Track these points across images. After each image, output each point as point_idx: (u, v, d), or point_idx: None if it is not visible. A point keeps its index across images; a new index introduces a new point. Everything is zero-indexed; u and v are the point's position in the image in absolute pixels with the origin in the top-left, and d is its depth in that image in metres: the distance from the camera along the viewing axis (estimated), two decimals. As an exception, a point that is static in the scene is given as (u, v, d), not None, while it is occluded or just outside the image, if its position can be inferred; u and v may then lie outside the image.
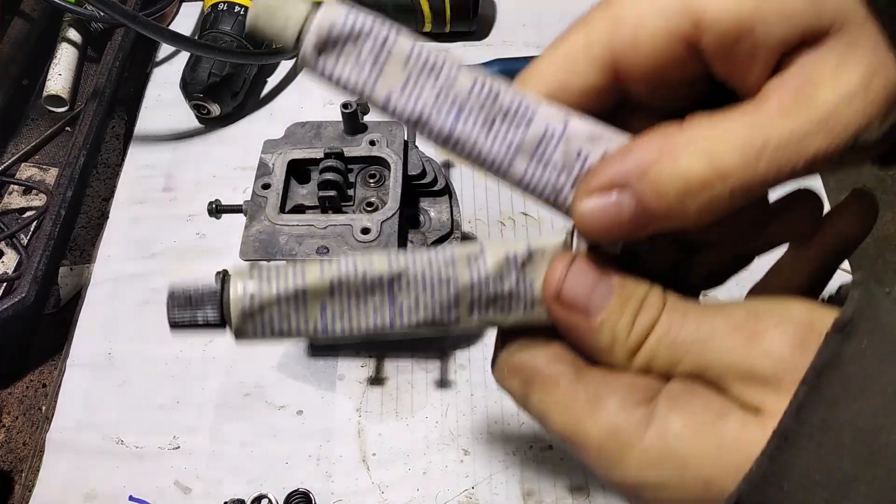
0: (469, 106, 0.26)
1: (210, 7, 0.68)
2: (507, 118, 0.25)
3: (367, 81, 0.25)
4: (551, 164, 0.25)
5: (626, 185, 0.23)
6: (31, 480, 0.52)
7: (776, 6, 0.22)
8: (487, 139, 0.25)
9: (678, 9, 0.23)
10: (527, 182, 0.26)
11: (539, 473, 0.50)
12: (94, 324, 0.58)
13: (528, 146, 0.25)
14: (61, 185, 0.60)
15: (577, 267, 0.25)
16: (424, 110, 0.25)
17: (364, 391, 0.54)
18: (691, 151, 0.22)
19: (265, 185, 0.47)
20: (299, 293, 0.25)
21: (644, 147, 0.23)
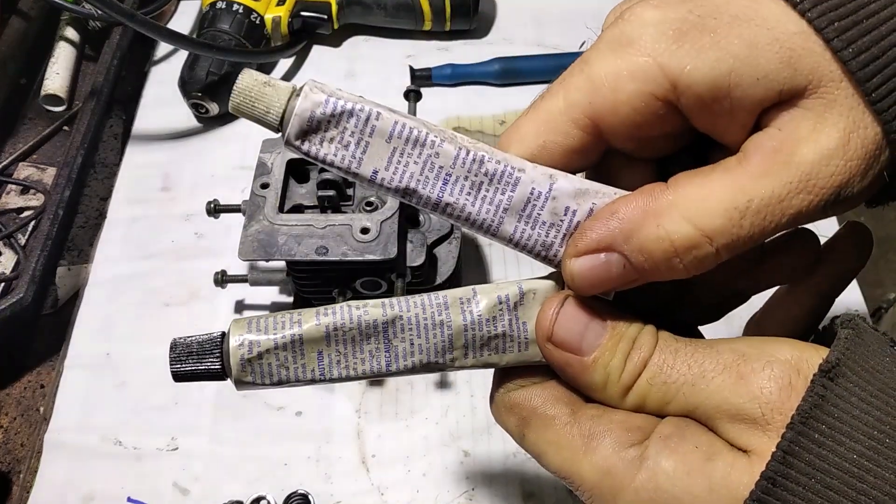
0: (455, 174, 0.26)
1: (208, 5, 0.68)
2: (493, 182, 0.26)
3: (353, 160, 0.26)
4: (539, 223, 0.26)
5: (613, 247, 0.24)
6: (29, 481, 0.51)
7: (751, 68, 0.23)
8: (475, 204, 0.27)
9: (654, 73, 0.24)
10: (516, 241, 0.27)
11: (539, 475, 0.50)
12: (92, 324, 0.58)
13: (516, 207, 0.26)
14: (59, 184, 0.60)
15: (568, 308, 0.26)
16: (411, 183, 0.26)
17: (363, 392, 0.54)
18: (675, 215, 0.23)
19: (264, 185, 0.47)
20: (296, 341, 0.26)
21: (629, 209, 0.24)
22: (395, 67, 0.71)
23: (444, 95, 0.70)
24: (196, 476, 0.51)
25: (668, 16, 0.24)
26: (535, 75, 0.70)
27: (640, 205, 0.24)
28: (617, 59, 0.25)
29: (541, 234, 0.27)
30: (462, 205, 0.27)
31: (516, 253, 0.60)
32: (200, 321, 0.58)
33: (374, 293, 0.49)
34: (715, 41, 0.23)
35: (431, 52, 0.73)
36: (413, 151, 0.26)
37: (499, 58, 0.69)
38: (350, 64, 0.73)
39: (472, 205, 0.27)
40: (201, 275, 0.59)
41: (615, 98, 0.25)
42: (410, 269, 0.46)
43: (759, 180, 0.23)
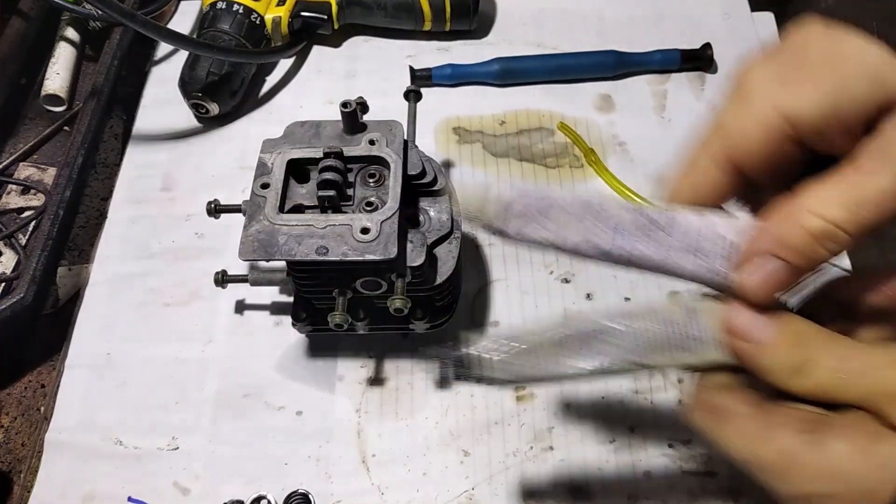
0: (641, 233, 0.33)
1: (209, 6, 0.68)
2: (665, 231, 0.33)
3: (551, 235, 0.32)
4: (710, 255, 0.32)
5: (769, 253, 0.30)
6: (30, 481, 0.51)
7: (848, 95, 0.28)
8: (660, 251, 0.33)
9: (772, 117, 0.30)
10: (695, 274, 0.33)
11: (539, 474, 0.50)
12: (92, 324, 0.58)
13: (690, 247, 0.32)
14: (59, 184, 0.60)
15: (743, 308, 0.32)
16: (607, 245, 0.32)
17: (364, 392, 0.54)
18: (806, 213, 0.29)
19: (264, 185, 0.47)
20: (538, 346, 0.33)
21: (773, 221, 0.30)
22: (395, 67, 0.72)
23: (444, 95, 0.70)
24: (196, 475, 0.51)
25: (774, 69, 0.30)
26: (535, 75, 0.70)
27: (780, 215, 0.30)
28: (742, 112, 0.31)
29: (709, 263, 0.32)
30: (650, 256, 0.32)
31: (516, 254, 0.61)
32: (201, 321, 0.58)
33: (374, 293, 0.49)
34: (815, 81, 0.29)
35: (431, 52, 0.73)
36: (600, 220, 0.32)
37: (499, 58, 0.69)
38: (350, 64, 0.73)
39: (655, 252, 0.32)
40: (202, 275, 0.59)
41: (747, 144, 0.31)
42: (410, 269, 0.46)
43: (868, 176, 0.28)
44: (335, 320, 0.46)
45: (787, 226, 0.29)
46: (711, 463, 0.50)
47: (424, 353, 0.55)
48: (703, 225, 0.32)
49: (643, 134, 0.67)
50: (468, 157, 0.66)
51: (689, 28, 0.74)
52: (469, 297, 0.58)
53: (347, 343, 0.56)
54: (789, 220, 0.29)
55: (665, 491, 0.49)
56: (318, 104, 0.70)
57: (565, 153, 0.66)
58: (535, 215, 0.32)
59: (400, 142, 0.49)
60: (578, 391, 0.54)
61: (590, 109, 0.69)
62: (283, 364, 0.55)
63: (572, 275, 0.59)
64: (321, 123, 0.50)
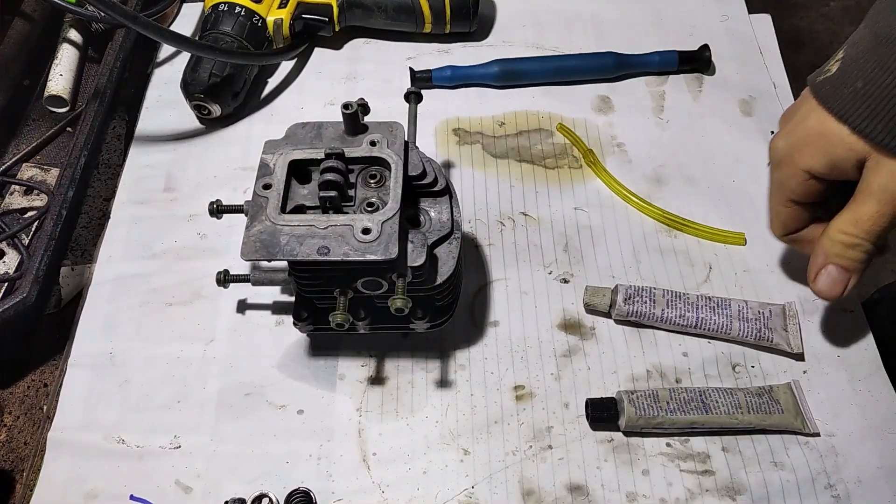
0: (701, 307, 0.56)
1: (211, 8, 0.68)
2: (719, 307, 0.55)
3: (652, 312, 0.55)
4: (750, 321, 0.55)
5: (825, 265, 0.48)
6: (33, 480, 0.52)
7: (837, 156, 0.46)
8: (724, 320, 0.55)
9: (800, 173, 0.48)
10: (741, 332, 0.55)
11: (539, 473, 0.51)
12: (95, 324, 0.58)
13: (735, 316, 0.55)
14: (62, 185, 0.60)
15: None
16: (686, 319, 0.55)
17: (364, 391, 0.54)
18: (836, 233, 0.47)
19: (266, 186, 0.47)
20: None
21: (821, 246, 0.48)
22: (395, 69, 0.72)
23: (444, 97, 0.70)
24: (198, 474, 0.51)
25: (789, 142, 0.49)
26: (535, 77, 0.70)
27: (823, 240, 0.48)
28: (782, 173, 0.50)
29: (752, 327, 0.54)
30: (711, 321, 0.55)
31: (515, 254, 0.61)
32: (203, 321, 0.58)
33: (375, 293, 0.49)
34: (817, 149, 0.47)
35: (432, 54, 0.73)
36: (679, 302, 0.56)
37: (498, 60, 0.70)
38: (351, 66, 0.73)
39: (714, 320, 0.55)
40: (204, 275, 0.59)
41: (792, 189, 0.50)
42: (411, 269, 0.47)
43: (863, 207, 0.46)
44: (336, 320, 0.46)
45: (829, 243, 0.48)
46: (710, 462, 0.51)
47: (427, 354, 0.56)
48: (745, 304, 0.55)
49: (641, 135, 0.67)
50: (468, 158, 0.66)
51: (686, 30, 0.74)
52: (469, 297, 0.58)
53: (348, 342, 0.56)
54: (828, 240, 0.48)
55: (663, 490, 0.50)
56: (320, 105, 0.70)
57: (564, 154, 0.66)
58: (642, 299, 0.56)
59: (401, 143, 0.49)
60: (577, 391, 0.54)
61: (588, 111, 0.69)
62: (285, 363, 0.56)
63: (571, 275, 0.59)
64: (322, 125, 0.51)
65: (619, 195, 0.63)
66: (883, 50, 0.43)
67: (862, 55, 0.44)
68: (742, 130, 0.67)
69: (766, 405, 0.51)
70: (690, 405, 0.51)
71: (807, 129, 0.47)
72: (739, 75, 0.71)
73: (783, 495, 0.49)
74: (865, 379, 0.54)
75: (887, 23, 0.43)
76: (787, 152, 0.49)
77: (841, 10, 0.76)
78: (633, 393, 0.51)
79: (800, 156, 0.47)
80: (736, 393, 0.51)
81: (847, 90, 0.44)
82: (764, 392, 0.52)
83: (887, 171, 0.44)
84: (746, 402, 0.51)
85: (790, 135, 0.48)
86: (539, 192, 0.64)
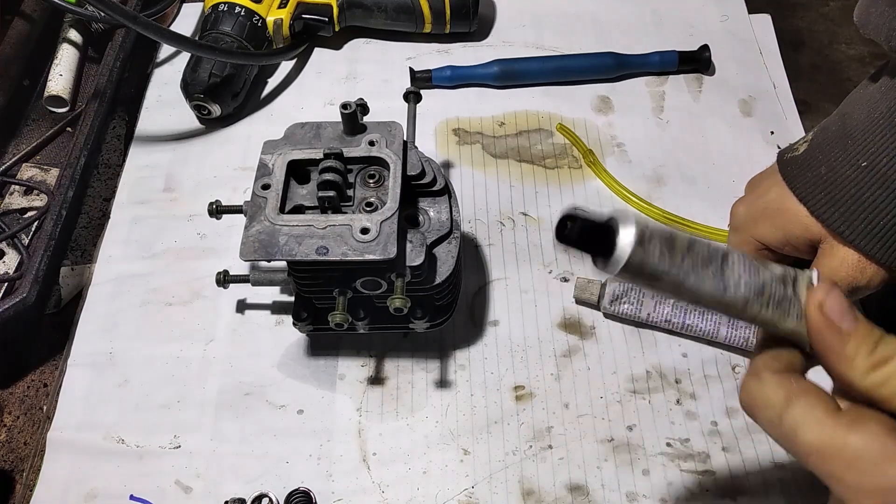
0: (689, 311, 0.53)
1: (210, 8, 0.69)
2: (707, 311, 0.51)
3: (639, 312, 0.53)
4: (739, 327, 0.53)
5: None
6: (32, 480, 0.52)
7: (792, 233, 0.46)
8: (703, 324, 0.53)
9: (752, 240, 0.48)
10: (728, 340, 0.53)
11: (538, 473, 0.51)
12: (94, 324, 0.58)
13: (724, 322, 0.54)
14: (62, 185, 0.60)
15: (836, 291, 0.35)
16: (674, 321, 0.53)
17: (364, 391, 0.54)
18: None
19: (265, 186, 0.47)
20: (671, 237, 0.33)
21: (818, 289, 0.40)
22: (395, 69, 0.72)
23: (443, 97, 0.70)
24: (198, 474, 0.51)
25: (748, 211, 0.49)
26: (534, 77, 0.70)
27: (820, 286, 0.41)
28: (738, 237, 0.49)
29: (741, 334, 0.53)
30: (699, 325, 0.53)
31: (515, 254, 0.61)
32: (203, 321, 0.58)
33: (374, 293, 0.49)
34: (773, 223, 0.47)
35: (431, 54, 0.73)
36: (667, 305, 0.54)
37: (498, 60, 0.70)
38: (351, 66, 0.73)
39: (702, 324, 0.52)
40: (203, 275, 0.59)
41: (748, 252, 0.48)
42: (410, 269, 0.47)
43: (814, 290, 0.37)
44: (335, 320, 0.46)
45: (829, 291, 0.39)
46: (710, 462, 0.51)
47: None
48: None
49: (641, 135, 0.67)
50: (468, 158, 0.66)
51: (686, 30, 0.74)
52: (469, 297, 0.58)
53: (348, 342, 0.56)
54: None
55: (663, 489, 0.50)
56: (319, 106, 0.70)
57: (564, 154, 0.66)
58: (630, 298, 0.52)
59: (399, 143, 0.49)
60: (577, 391, 0.54)
61: (588, 111, 0.69)
62: (285, 363, 0.56)
63: (571, 273, 0.59)
64: (321, 125, 0.51)
65: (619, 195, 0.63)
66: (848, 142, 0.44)
67: (829, 142, 0.45)
68: (742, 130, 0.67)
69: (788, 302, 0.36)
70: (708, 268, 0.35)
71: (767, 202, 0.48)
72: (739, 75, 0.71)
73: (783, 495, 0.49)
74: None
75: (855, 116, 0.44)
76: (744, 220, 0.49)
77: (841, 10, 0.76)
78: (647, 226, 0.34)
79: (755, 226, 0.48)
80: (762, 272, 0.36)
81: (811, 174, 0.45)
82: (789, 280, 0.36)
83: (838, 257, 0.45)
84: (771, 290, 0.36)
85: (751, 204, 0.49)
86: (539, 192, 0.64)
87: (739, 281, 0.34)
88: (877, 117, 0.43)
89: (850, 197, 0.44)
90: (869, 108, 0.44)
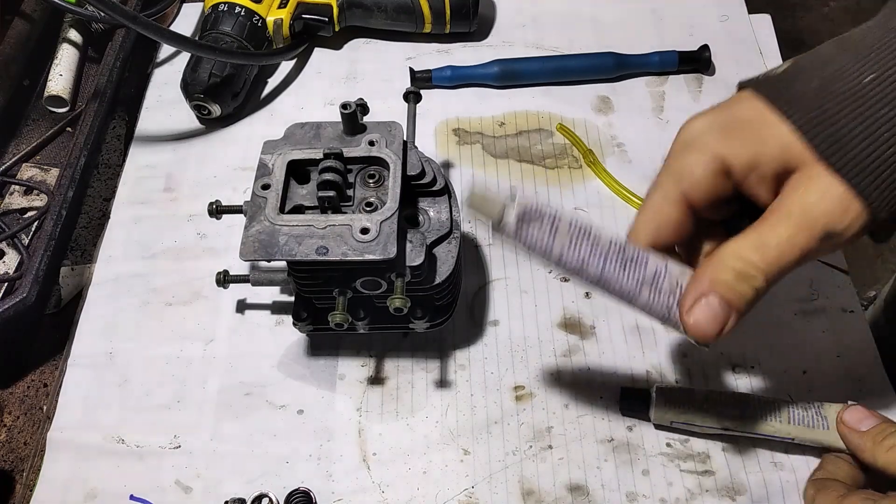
0: (609, 256, 0.39)
1: (210, 8, 0.69)
2: (633, 262, 0.39)
3: (547, 243, 0.38)
4: (663, 291, 0.39)
5: (707, 293, 0.37)
6: (32, 480, 0.52)
7: (765, 153, 0.37)
8: (623, 277, 0.39)
9: (713, 159, 0.38)
10: (650, 305, 0.39)
11: (539, 473, 0.51)
12: (94, 324, 0.58)
13: (648, 280, 0.39)
14: (62, 185, 0.60)
15: (853, 408, 0.47)
16: (584, 261, 0.38)
17: (364, 391, 0.54)
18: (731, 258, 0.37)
19: (265, 186, 0.47)
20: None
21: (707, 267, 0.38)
22: (395, 69, 0.72)
23: (443, 97, 0.70)
24: (198, 474, 0.51)
25: (713, 122, 0.39)
26: (535, 77, 0.70)
27: (712, 260, 0.38)
28: (688, 157, 0.39)
29: (664, 300, 0.39)
30: (616, 278, 0.38)
31: (514, 256, 0.61)
32: (203, 321, 0.58)
33: (374, 292, 0.49)
34: (744, 137, 0.37)
35: (431, 54, 0.73)
36: (584, 239, 0.38)
37: (498, 60, 0.70)
38: (351, 66, 0.73)
39: (622, 278, 0.38)
40: (203, 275, 0.60)
41: (694, 180, 0.38)
42: (410, 269, 0.47)
43: (774, 229, 0.36)
44: (335, 320, 0.46)
45: (718, 267, 0.37)
46: (710, 462, 0.51)
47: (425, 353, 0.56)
48: (663, 266, 0.39)
49: (641, 135, 0.67)
50: (468, 158, 0.66)
51: (686, 30, 0.74)
52: (469, 297, 0.58)
53: (348, 342, 0.56)
54: (719, 263, 0.37)
55: (663, 490, 0.50)
56: (319, 106, 0.70)
57: (564, 154, 0.66)
58: (542, 221, 0.38)
59: (399, 143, 0.49)
60: (577, 391, 0.54)
61: (588, 111, 0.69)
62: (285, 363, 0.56)
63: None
64: (321, 125, 0.51)
65: (619, 195, 0.63)
66: (848, 55, 0.37)
67: (820, 61, 0.38)
68: (742, 130, 0.67)
69: (811, 419, 0.48)
70: (727, 408, 0.48)
71: (736, 114, 0.38)
72: (739, 75, 0.70)
73: (783, 495, 0.49)
74: (865, 379, 0.54)
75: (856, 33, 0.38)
76: (702, 132, 0.39)
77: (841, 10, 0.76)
78: (668, 387, 0.50)
79: (718, 139, 0.38)
80: (778, 402, 0.48)
81: (798, 86, 0.37)
82: (811, 406, 0.48)
83: (817, 189, 0.36)
84: (789, 412, 0.48)
85: (716, 115, 0.39)
86: (539, 192, 0.64)
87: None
88: (893, 27, 0.36)
89: (847, 117, 0.35)
90: (880, 21, 0.37)
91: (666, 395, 0.50)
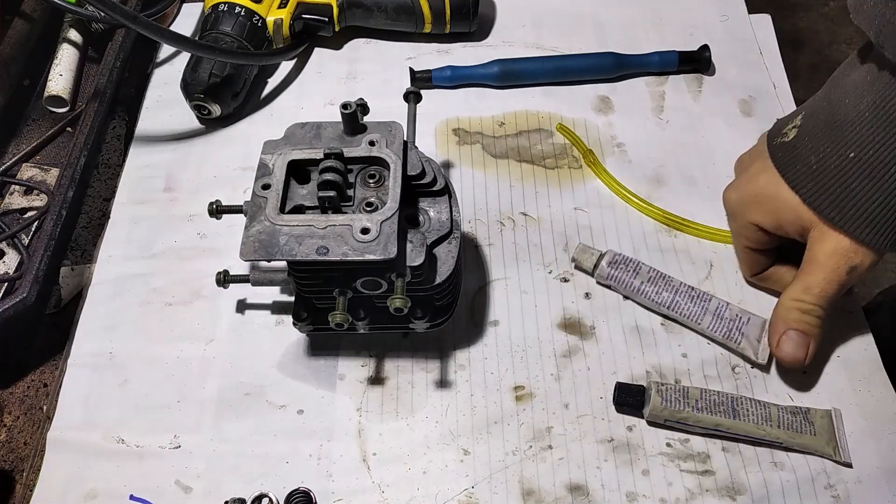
0: (679, 291, 0.56)
1: (210, 8, 0.69)
2: (699, 298, 0.55)
3: (629, 281, 0.56)
4: (724, 319, 0.54)
5: (786, 328, 0.51)
6: (32, 480, 0.52)
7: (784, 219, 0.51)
8: (690, 306, 0.55)
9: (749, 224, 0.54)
10: (711, 329, 0.54)
11: (539, 473, 0.51)
12: (94, 323, 0.58)
13: (711, 311, 0.55)
14: (62, 185, 0.60)
15: None
16: (658, 293, 0.56)
17: (364, 391, 0.54)
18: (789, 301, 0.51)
19: (265, 186, 0.47)
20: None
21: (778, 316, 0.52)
22: (395, 69, 0.72)
23: (443, 97, 0.70)
24: (198, 474, 0.51)
25: (742, 196, 0.54)
26: (535, 77, 0.70)
27: (778, 310, 0.52)
28: (736, 223, 0.56)
29: (725, 325, 0.54)
30: (685, 306, 0.55)
31: (515, 254, 0.61)
32: (203, 321, 0.58)
33: (374, 293, 0.49)
34: (766, 210, 0.52)
35: (431, 54, 0.73)
36: (658, 280, 0.56)
37: (498, 60, 0.70)
38: (351, 66, 0.73)
39: (689, 307, 0.55)
40: (204, 275, 0.60)
41: (746, 238, 0.55)
42: (410, 269, 0.47)
43: (812, 275, 0.50)
44: (336, 320, 0.46)
45: (784, 311, 0.51)
46: (710, 462, 0.51)
47: (424, 353, 0.56)
48: (725, 304, 0.55)
49: (641, 135, 0.67)
50: (468, 158, 0.66)
51: (686, 30, 0.74)
52: (469, 297, 0.58)
53: (348, 342, 0.56)
54: (784, 309, 0.51)
55: (663, 489, 0.50)
56: (319, 106, 0.70)
57: (564, 154, 0.66)
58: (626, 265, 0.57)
59: (400, 143, 0.49)
60: (577, 391, 0.54)
61: (588, 111, 0.69)
62: (285, 363, 0.56)
63: (571, 274, 0.59)
64: (322, 125, 0.51)
65: (619, 195, 0.63)
66: (836, 133, 0.47)
67: (817, 131, 0.48)
68: (742, 131, 0.67)
69: (798, 423, 0.50)
70: (719, 408, 0.50)
71: (758, 188, 0.52)
72: (739, 75, 0.71)
73: (783, 495, 0.49)
74: (865, 379, 0.54)
75: (842, 105, 0.47)
76: (738, 206, 0.54)
77: (841, 10, 0.77)
78: (663, 385, 0.52)
79: (749, 211, 0.53)
80: (769, 406, 0.51)
81: (801, 164, 0.49)
82: (799, 412, 0.51)
83: (831, 242, 0.49)
84: (778, 416, 0.50)
85: (742, 189, 0.54)
86: (539, 192, 0.64)
87: None
88: (862, 110, 0.46)
89: (840, 186, 0.47)
90: (855, 98, 0.47)
91: (660, 392, 0.51)
